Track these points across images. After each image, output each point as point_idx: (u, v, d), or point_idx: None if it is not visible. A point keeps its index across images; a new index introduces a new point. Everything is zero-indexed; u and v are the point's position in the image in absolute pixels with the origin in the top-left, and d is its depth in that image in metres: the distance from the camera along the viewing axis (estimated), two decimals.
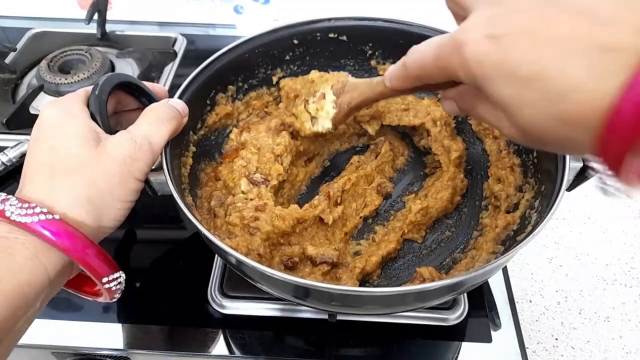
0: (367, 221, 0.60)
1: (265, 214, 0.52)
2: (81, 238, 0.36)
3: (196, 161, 0.57)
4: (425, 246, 0.58)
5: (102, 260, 0.37)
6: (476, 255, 0.52)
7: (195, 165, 0.57)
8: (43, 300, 0.36)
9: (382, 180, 0.61)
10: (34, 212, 0.34)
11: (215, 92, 0.59)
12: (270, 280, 0.43)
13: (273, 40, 0.61)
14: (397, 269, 0.56)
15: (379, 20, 0.62)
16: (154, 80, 0.84)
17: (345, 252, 0.55)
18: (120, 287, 0.40)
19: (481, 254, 0.51)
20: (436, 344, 0.55)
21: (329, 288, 0.39)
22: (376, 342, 0.55)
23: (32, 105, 0.76)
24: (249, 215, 0.52)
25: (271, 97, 0.66)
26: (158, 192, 0.46)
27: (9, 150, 0.69)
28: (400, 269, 0.56)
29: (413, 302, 0.46)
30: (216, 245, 0.41)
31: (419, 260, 0.57)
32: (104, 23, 0.92)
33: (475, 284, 0.46)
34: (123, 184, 0.39)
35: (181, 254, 0.63)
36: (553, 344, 0.58)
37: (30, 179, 0.38)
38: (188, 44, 0.94)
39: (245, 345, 0.54)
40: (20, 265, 0.33)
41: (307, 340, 0.55)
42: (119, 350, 0.54)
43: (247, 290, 0.57)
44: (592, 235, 0.68)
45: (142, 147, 0.41)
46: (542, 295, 0.63)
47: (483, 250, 0.51)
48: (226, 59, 0.58)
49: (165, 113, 0.45)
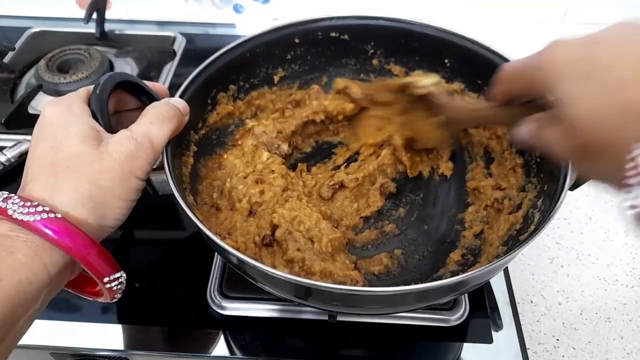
0: (369, 221, 0.60)
1: (271, 178, 0.56)
2: (83, 237, 0.35)
3: (197, 160, 0.57)
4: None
5: (104, 259, 0.37)
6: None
7: (196, 164, 0.57)
8: (44, 300, 0.36)
9: (385, 180, 0.61)
10: (36, 210, 0.34)
11: (217, 91, 0.59)
12: (272, 280, 0.43)
13: (274, 39, 0.61)
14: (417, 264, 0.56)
15: (380, 19, 0.62)
16: (153, 80, 0.84)
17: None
18: (121, 287, 0.40)
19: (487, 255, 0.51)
20: (437, 345, 0.55)
21: (331, 287, 0.39)
22: (376, 343, 0.54)
23: (30, 104, 0.76)
24: (255, 191, 0.54)
25: (273, 96, 0.66)
26: (159, 191, 0.46)
27: (8, 150, 0.69)
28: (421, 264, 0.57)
29: (414, 302, 0.46)
30: (217, 245, 0.40)
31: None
32: (102, 22, 0.92)
33: (477, 283, 0.46)
34: (124, 183, 0.39)
35: (180, 254, 0.63)
36: (554, 345, 0.58)
37: (32, 178, 0.38)
38: (187, 43, 0.94)
39: (245, 346, 0.54)
40: (21, 263, 0.33)
41: (307, 342, 0.55)
42: (118, 351, 0.54)
43: (246, 291, 0.56)
44: (593, 235, 0.68)
45: (144, 146, 0.41)
46: (543, 295, 0.62)
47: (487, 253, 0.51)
48: (227, 58, 0.58)
49: (166, 111, 0.45)
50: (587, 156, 0.31)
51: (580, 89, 0.30)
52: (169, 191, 0.44)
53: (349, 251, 0.56)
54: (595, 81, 0.29)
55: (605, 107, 0.28)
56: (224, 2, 0.98)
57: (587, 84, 0.29)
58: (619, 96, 0.28)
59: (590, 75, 0.29)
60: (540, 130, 0.37)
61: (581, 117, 0.30)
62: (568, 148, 0.33)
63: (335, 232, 0.53)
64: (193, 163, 0.56)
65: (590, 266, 0.65)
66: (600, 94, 0.28)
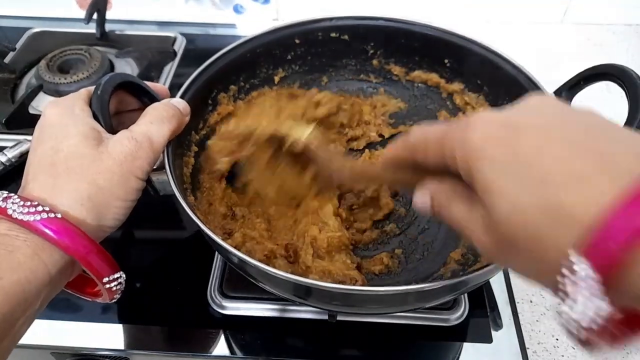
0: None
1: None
2: (82, 237, 0.36)
3: (198, 161, 0.57)
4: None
5: (103, 259, 0.37)
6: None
7: (197, 164, 0.57)
8: (43, 300, 0.36)
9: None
10: (36, 210, 0.34)
11: (217, 91, 0.59)
12: (272, 279, 0.43)
13: (274, 39, 0.61)
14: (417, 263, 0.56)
15: (380, 20, 0.62)
16: (153, 80, 0.84)
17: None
18: (120, 288, 0.40)
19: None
20: (436, 345, 0.55)
21: (330, 287, 0.39)
22: (376, 343, 0.55)
23: (31, 105, 0.76)
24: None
25: (274, 94, 0.66)
26: (160, 191, 0.47)
27: (8, 150, 0.69)
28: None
29: (414, 301, 0.46)
30: (219, 245, 0.40)
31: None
32: (103, 22, 0.92)
33: (477, 283, 0.46)
34: (124, 183, 0.39)
35: (181, 254, 0.63)
36: (554, 344, 0.58)
37: (33, 178, 0.38)
38: (187, 43, 0.94)
39: (245, 346, 0.54)
40: (20, 262, 0.33)
41: (307, 341, 0.55)
42: (119, 351, 0.54)
43: (246, 290, 0.57)
44: None
45: (143, 146, 0.41)
46: (543, 295, 0.62)
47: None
48: (228, 59, 0.58)
49: (166, 112, 0.45)
50: (509, 252, 0.26)
51: (501, 179, 0.25)
52: (169, 191, 0.44)
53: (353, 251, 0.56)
54: (518, 174, 0.24)
55: (533, 207, 0.23)
56: (224, 3, 0.98)
57: (510, 175, 0.25)
58: (547, 196, 0.23)
59: (512, 164, 0.25)
60: (449, 202, 0.31)
61: (502, 211, 0.25)
62: (486, 241, 0.28)
63: (339, 231, 0.53)
64: (194, 163, 0.56)
65: None
66: (525, 190, 0.24)
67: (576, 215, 0.22)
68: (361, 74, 0.68)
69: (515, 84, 0.53)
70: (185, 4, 0.99)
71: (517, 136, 0.25)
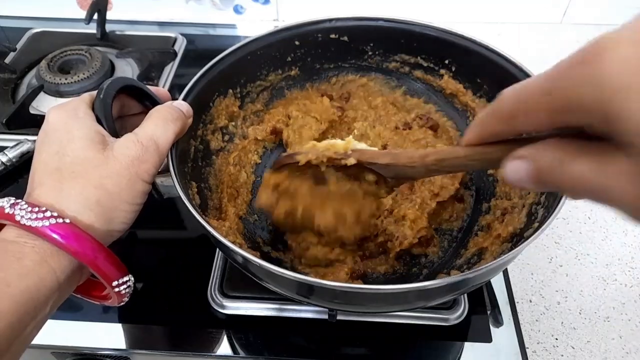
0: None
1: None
2: (91, 241, 0.36)
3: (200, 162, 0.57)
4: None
5: (112, 263, 0.37)
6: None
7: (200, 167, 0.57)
8: (52, 306, 0.36)
9: None
10: (44, 215, 0.34)
11: (218, 94, 0.59)
12: (275, 278, 0.43)
13: (274, 42, 0.61)
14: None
15: (380, 20, 0.62)
16: (154, 80, 0.84)
17: None
18: (129, 291, 0.40)
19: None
20: (436, 344, 0.55)
21: (333, 285, 0.39)
22: (376, 342, 0.55)
23: (32, 105, 0.76)
24: None
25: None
26: (164, 195, 0.46)
27: (9, 150, 0.69)
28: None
29: (415, 300, 0.46)
30: (224, 245, 0.41)
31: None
32: (103, 23, 0.92)
33: (479, 282, 0.46)
34: (131, 186, 0.39)
35: (181, 254, 0.63)
36: (553, 344, 0.58)
37: (39, 183, 0.38)
38: (188, 43, 0.94)
39: (245, 345, 0.55)
40: (29, 269, 0.33)
41: (308, 340, 0.55)
42: (120, 351, 0.54)
43: (246, 290, 0.57)
44: (592, 235, 0.68)
45: (149, 149, 0.41)
46: (542, 295, 0.63)
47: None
48: (228, 62, 0.58)
49: (169, 114, 0.45)
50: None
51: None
52: (174, 194, 0.45)
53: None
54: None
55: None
56: (224, 3, 0.99)
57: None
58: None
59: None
60: (562, 162, 0.25)
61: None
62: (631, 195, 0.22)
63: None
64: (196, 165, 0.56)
65: (589, 266, 0.65)
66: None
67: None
68: (361, 74, 0.67)
69: (516, 83, 0.53)
70: (186, 5, 1.00)
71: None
